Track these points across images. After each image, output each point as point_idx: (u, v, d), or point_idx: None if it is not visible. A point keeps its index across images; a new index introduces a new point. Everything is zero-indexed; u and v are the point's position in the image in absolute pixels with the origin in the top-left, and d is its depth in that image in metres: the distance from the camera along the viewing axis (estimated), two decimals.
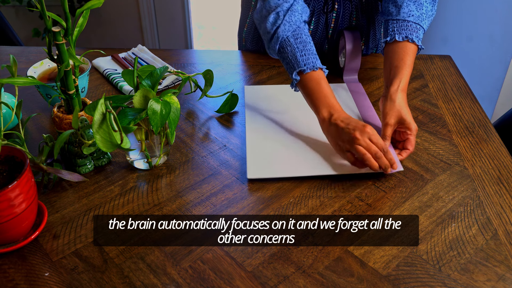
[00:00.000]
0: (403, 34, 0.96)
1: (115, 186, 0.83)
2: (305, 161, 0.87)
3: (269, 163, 0.86)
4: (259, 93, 1.10)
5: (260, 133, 0.95)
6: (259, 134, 0.95)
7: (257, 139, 0.93)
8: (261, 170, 0.84)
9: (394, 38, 0.96)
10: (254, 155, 0.88)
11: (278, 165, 0.86)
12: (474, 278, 0.66)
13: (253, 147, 0.90)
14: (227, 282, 0.66)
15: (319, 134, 0.92)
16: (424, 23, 0.98)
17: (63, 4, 0.75)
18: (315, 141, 0.93)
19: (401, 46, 0.95)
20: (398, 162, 0.86)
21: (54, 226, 0.75)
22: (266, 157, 0.88)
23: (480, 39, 2.02)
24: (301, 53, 0.92)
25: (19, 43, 1.94)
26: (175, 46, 2.75)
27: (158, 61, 1.22)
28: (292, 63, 0.93)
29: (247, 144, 0.91)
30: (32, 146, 0.90)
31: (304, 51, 0.93)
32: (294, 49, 0.93)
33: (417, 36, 0.96)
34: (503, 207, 0.78)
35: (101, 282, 0.66)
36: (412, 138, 0.88)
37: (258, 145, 0.91)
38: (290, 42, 0.94)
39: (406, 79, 0.92)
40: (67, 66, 0.80)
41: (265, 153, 0.89)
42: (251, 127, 0.97)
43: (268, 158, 0.88)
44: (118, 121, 0.71)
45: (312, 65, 0.91)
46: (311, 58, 0.92)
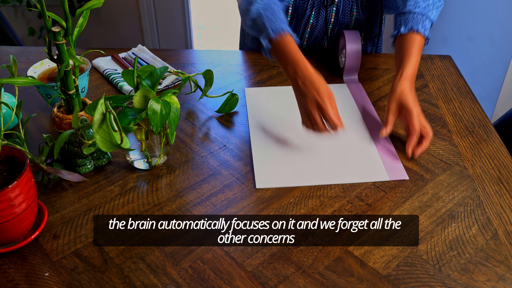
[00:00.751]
0: (409, 26, 0.97)
1: (115, 186, 0.83)
2: (313, 169, 0.86)
3: (277, 172, 0.85)
4: (260, 95, 1.10)
5: (265, 140, 0.94)
6: (264, 141, 0.94)
7: (263, 147, 0.92)
8: (269, 179, 0.84)
9: (400, 31, 0.97)
10: (260, 164, 0.87)
11: (286, 173, 0.85)
12: (474, 278, 0.66)
13: (259, 155, 0.90)
14: (227, 282, 0.66)
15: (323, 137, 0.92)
16: (431, 13, 0.98)
17: (63, 4, 0.75)
18: (320, 145, 0.92)
19: (407, 38, 0.96)
20: (403, 171, 0.86)
21: (54, 226, 0.75)
22: (273, 165, 0.87)
23: (480, 39, 2.02)
24: (269, 21, 0.94)
25: (19, 43, 1.94)
26: (175, 46, 2.75)
27: (158, 61, 1.22)
28: (262, 32, 0.96)
29: (253, 153, 0.90)
30: (32, 146, 0.90)
31: (272, 19, 0.95)
32: (263, 18, 0.95)
33: (423, 26, 0.96)
34: (503, 207, 0.78)
35: (101, 282, 0.66)
36: (414, 121, 0.87)
37: (264, 153, 0.90)
38: (260, 14, 0.96)
39: (412, 68, 0.93)
40: (67, 66, 0.80)
41: (272, 161, 0.88)
42: (255, 134, 0.96)
43: (275, 166, 0.87)
44: (118, 121, 0.71)
45: (280, 29, 0.93)
46: (279, 24, 0.94)
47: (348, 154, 0.90)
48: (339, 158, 0.89)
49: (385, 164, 0.88)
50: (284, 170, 0.86)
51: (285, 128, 0.98)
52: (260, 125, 0.99)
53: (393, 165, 0.87)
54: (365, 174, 0.85)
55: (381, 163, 0.88)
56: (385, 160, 0.88)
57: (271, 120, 1.00)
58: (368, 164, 0.88)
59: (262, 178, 0.84)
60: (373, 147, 0.92)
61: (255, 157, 0.89)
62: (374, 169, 0.86)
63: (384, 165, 0.87)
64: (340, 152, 0.91)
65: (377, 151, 0.91)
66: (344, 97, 1.08)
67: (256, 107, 1.05)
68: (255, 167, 0.87)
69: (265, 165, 0.87)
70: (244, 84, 1.15)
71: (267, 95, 1.10)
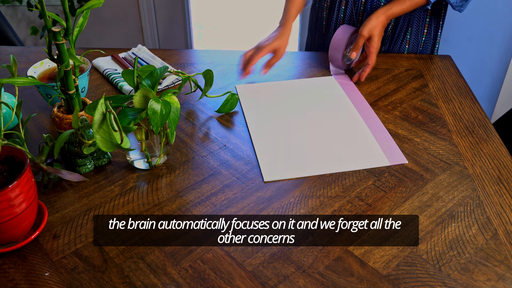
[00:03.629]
0: None
1: (115, 186, 0.83)
2: (316, 159, 0.89)
3: (282, 164, 0.87)
4: (252, 91, 1.12)
5: (265, 134, 0.96)
6: (264, 134, 0.95)
7: (264, 141, 0.94)
8: (275, 172, 0.85)
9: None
10: (265, 157, 0.89)
11: (290, 165, 0.87)
12: (474, 278, 0.66)
13: (262, 149, 0.91)
14: (227, 282, 0.66)
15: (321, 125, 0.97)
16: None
17: (63, 4, 0.75)
18: (319, 134, 0.95)
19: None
20: (401, 156, 0.89)
21: (54, 226, 0.75)
22: (277, 158, 0.89)
23: (480, 39, 2.02)
24: None
25: (19, 43, 1.94)
26: (175, 46, 2.75)
27: (158, 61, 1.22)
28: None
29: (255, 148, 0.91)
30: (32, 146, 0.90)
31: None
32: None
33: None
34: (503, 207, 0.78)
35: (101, 282, 0.66)
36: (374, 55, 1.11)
37: (266, 147, 0.92)
38: None
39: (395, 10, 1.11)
40: (67, 66, 0.80)
41: (275, 154, 0.90)
42: (254, 129, 0.97)
43: (279, 158, 0.89)
44: (118, 121, 0.71)
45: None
46: None
47: (347, 142, 0.94)
48: (340, 147, 0.92)
49: (384, 150, 0.91)
50: (288, 161, 0.88)
51: (283, 120, 1.00)
52: (258, 120, 1.00)
53: (391, 151, 0.91)
54: (366, 161, 0.88)
55: (380, 150, 0.91)
56: (383, 146, 0.92)
57: (267, 114, 1.02)
58: (367, 151, 0.91)
59: (268, 171, 0.85)
60: (370, 134, 0.95)
61: (259, 151, 0.90)
62: (374, 156, 0.90)
63: (383, 151, 0.91)
64: (339, 141, 0.94)
65: (374, 138, 0.94)
66: (335, 89, 1.12)
67: (251, 103, 1.07)
68: (260, 162, 0.88)
69: (269, 159, 0.89)
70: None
71: (259, 90, 1.12)
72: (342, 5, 1.27)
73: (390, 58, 1.26)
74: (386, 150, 0.91)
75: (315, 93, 1.10)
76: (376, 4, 1.21)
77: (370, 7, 1.22)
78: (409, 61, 1.25)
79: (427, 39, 1.29)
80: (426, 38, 1.29)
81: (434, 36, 1.29)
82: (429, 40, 1.29)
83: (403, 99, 1.08)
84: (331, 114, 1.02)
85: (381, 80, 1.16)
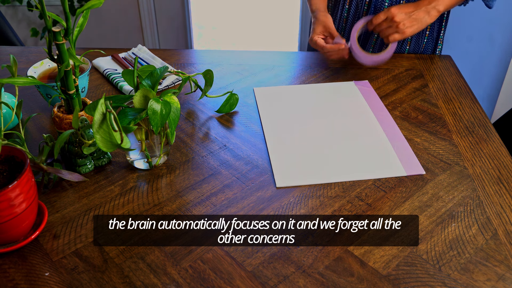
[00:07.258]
0: None
1: (115, 186, 0.83)
2: (330, 166, 0.87)
3: (295, 170, 0.86)
4: (270, 94, 1.10)
5: (279, 138, 0.94)
6: (279, 139, 0.94)
7: (278, 145, 0.93)
8: (288, 178, 0.84)
9: None
10: (279, 162, 0.88)
11: (304, 171, 0.86)
12: (474, 278, 0.66)
13: (276, 153, 0.90)
14: (227, 282, 0.66)
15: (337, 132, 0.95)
16: None
17: (63, 4, 0.75)
18: (335, 142, 0.93)
19: None
20: (419, 166, 0.87)
21: (54, 226, 0.75)
22: (291, 164, 0.88)
23: (480, 39, 2.02)
24: None
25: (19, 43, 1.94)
26: (175, 46, 2.76)
27: (158, 61, 1.22)
28: None
29: (269, 152, 0.90)
30: (32, 146, 0.90)
31: None
32: None
33: None
34: (503, 207, 0.78)
35: (101, 282, 0.66)
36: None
37: (280, 152, 0.91)
38: None
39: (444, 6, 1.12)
40: (67, 66, 0.80)
41: (289, 159, 0.89)
42: (270, 132, 0.96)
43: (293, 164, 0.87)
44: (118, 121, 0.71)
45: None
46: None
47: (364, 151, 0.91)
48: (356, 155, 0.90)
49: (401, 159, 0.89)
50: (302, 167, 0.87)
51: (299, 125, 0.99)
52: (274, 124, 0.99)
53: (409, 160, 0.89)
54: (382, 170, 0.86)
55: (397, 159, 0.89)
56: (401, 156, 0.90)
57: (284, 118, 1.01)
58: (384, 160, 0.89)
59: (281, 176, 0.84)
60: (387, 143, 0.93)
61: (273, 155, 0.90)
62: (391, 165, 0.87)
63: (400, 160, 0.89)
64: (356, 149, 0.92)
65: (392, 147, 0.92)
66: (354, 95, 1.09)
67: (268, 106, 1.05)
68: (273, 166, 0.87)
69: (283, 164, 0.88)
70: (244, 84, 1.15)
71: (277, 93, 1.10)
72: (346, 4, 1.27)
73: (390, 58, 1.26)
74: (404, 159, 0.89)
75: (334, 99, 1.08)
76: (380, 4, 1.21)
77: (374, 6, 1.22)
78: (409, 61, 1.25)
79: (429, 40, 1.29)
80: (428, 40, 1.29)
81: (436, 38, 1.29)
82: (431, 42, 1.29)
83: (403, 99, 1.08)
84: (349, 121, 1.00)
85: (381, 80, 1.16)
